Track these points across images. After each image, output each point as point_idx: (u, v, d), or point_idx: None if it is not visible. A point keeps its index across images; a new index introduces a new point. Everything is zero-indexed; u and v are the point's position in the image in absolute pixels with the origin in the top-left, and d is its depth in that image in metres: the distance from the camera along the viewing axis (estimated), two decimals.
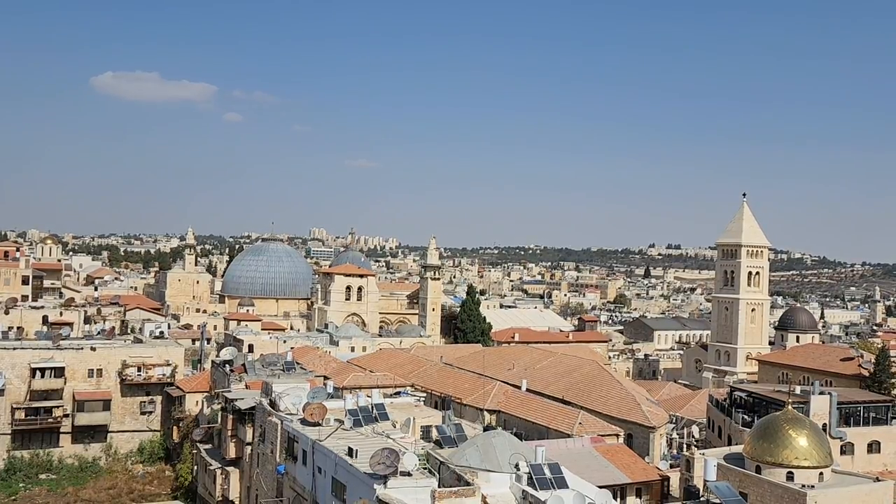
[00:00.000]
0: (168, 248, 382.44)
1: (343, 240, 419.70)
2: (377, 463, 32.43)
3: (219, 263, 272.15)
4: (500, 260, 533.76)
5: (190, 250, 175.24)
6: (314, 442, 40.51)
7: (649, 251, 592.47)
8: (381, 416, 45.11)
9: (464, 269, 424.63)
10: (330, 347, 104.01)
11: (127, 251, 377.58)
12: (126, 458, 78.41)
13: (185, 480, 67.77)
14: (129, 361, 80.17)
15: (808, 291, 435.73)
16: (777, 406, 49.80)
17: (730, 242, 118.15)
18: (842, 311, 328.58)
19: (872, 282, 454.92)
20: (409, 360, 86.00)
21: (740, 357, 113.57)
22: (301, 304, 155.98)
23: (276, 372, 65.28)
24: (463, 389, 69.27)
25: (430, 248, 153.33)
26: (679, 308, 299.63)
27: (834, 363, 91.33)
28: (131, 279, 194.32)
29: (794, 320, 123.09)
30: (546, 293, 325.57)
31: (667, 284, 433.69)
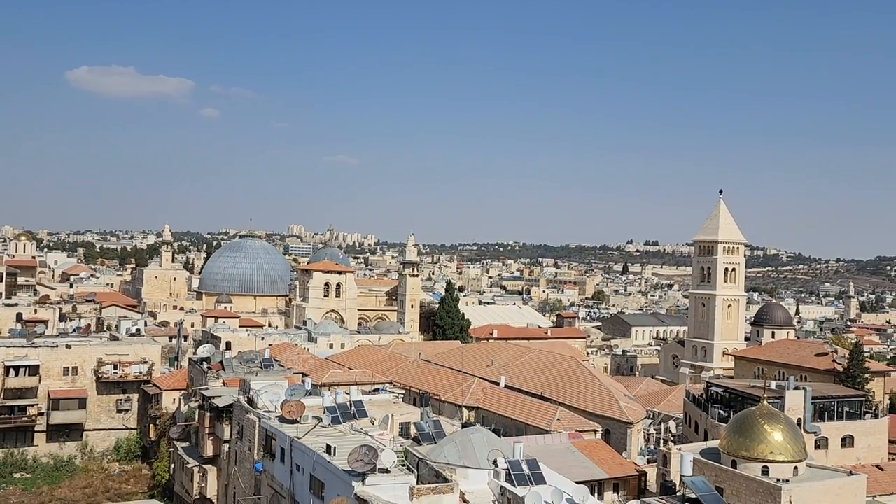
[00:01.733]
0: (145, 244, 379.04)
1: (321, 236, 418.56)
2: (355, 460, 32.38)
3: (196, 260, 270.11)
4: (478, 256, 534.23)
5: (167, 247, 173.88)
6: (292, 439, 40.38)
7: (627, 248, 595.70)
8: (359, 413, 45.05)
9: (442, 265, 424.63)
10: (308, 344, 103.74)
11: (103, 248, 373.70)
12: (102, 457, 77.80)
13: (162, 479, 67.31)
14: (104, 359, 79.51)
15: (783, 287, 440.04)
16: (752, 401, 50.29)
17: (706, 239, 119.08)
18: (817, 306, 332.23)
19: (847, 278, 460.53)
20: (388, 357, 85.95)
21: (717, 353, 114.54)
22: (279, 301, 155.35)
23: (254, 369, 64.97)
24: (441, 386, 69.33)
25: (408, 245, 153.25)
26: (656, 304, 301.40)
27: (808, 358, 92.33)
28: (107, 276, 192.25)
29: (770, 316, 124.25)
30: (525, 290, 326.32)
31: (644, 281, 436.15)
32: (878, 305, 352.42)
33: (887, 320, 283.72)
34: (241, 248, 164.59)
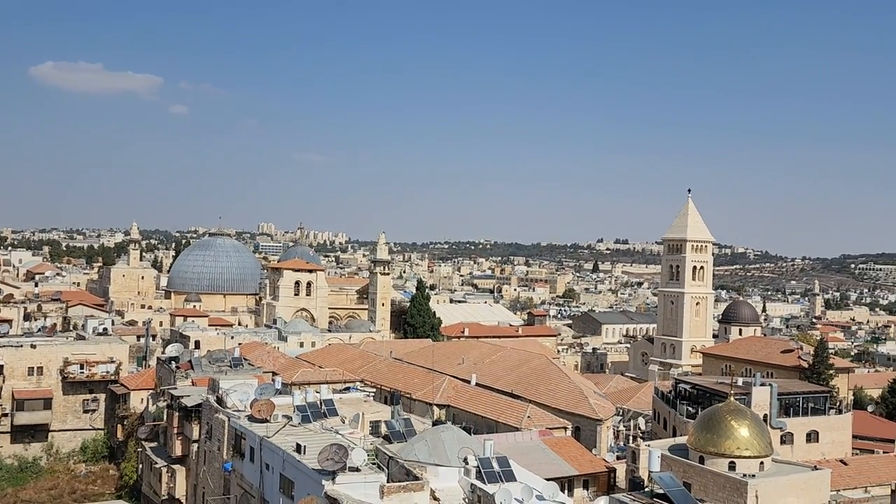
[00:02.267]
0: (112, 242, 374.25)
1: (292, 234, 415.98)
2: (325, 459, 32.28)
3: (165, 259, 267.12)
4: (450, 255, 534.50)
5: (135, 245, 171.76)
6: (262, 438, 40.17)
7: (598, 246, 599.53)
8: (329, 411, 44.91)
9: (413, 263, 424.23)
10: (278, 343, 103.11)
11: (69, 246, 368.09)
12: (68, 458, 76.75)
13: (130, 479, 66.59)
14: (71, 359, 78.42)
15: (750, 285, 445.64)
16: (720, 398, 50.92)
17: (675, 238, 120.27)
18: (783, 304, 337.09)
19: (812, 276, 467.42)
20: (359, 356, 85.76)
21: (685, 350, 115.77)
22: (249, 300, 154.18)
23: (224, 368, 64.52)
24: (412, 384, 69.32)
25: (379, 243, 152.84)
26: (626, 302, 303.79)
27: (775, 355, 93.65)
28: (73, 275, 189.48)
29: (737, 313, 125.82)
30: (496, 288, 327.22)
31: (615, 279, 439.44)
32: (843, 303, 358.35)
33: (851, 317, 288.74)
34: (210, 247, 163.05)
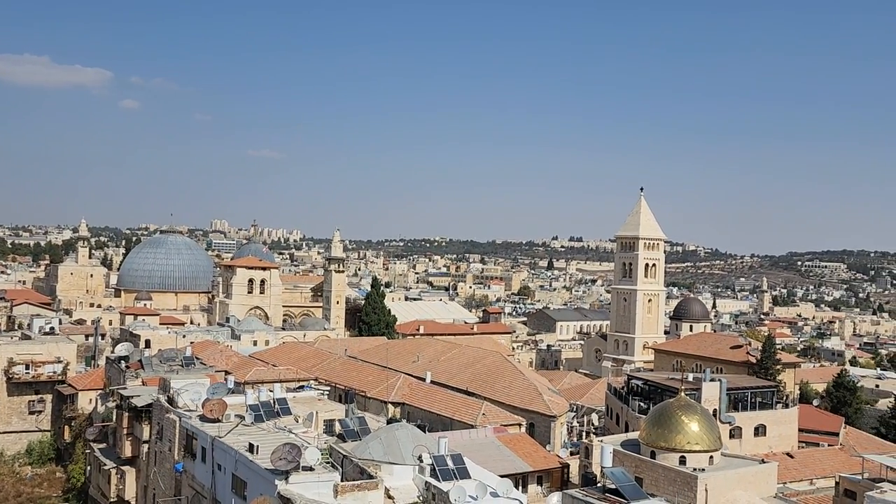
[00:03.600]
0: (60, 240, 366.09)
1: (245, 232, 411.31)
2: (278, 458, 32.00)
3: (115, 256, 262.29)
4: (405, 252, 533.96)
5: (83, 242, 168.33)
6: (213, 438, 39.66)
7: (552, 243, 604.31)
8: (283, 410, 44.51)
9: (369, 261, 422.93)
10: (231, 342, 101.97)
11: (15, 243, 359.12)
12: (13, 460, 74.89)
13: (78, 482, 65.27)
14: (16, 359, 76.53)
15: (701, 282, 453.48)
16: (671, 393, 51.66)
17: (628, 235, 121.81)
18: (732, 300, 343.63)
19: (760, 273, 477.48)
20: (313, 354, 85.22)
21: (637, 346, 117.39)
22: (202, 298, 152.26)
23: (175, 367, 63.54)
24: (367, 382, 69.11)
25: (334, 241, 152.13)
26: (580, 299, 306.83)
27: (724, 351, 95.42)
28: (19, 272, 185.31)
29: (688, 310, 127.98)
30: (451, 285, 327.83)
31: (569, 276, 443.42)
32: (790, 299, 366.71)
33: (798, 314, 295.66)
34: (161, 244, 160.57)
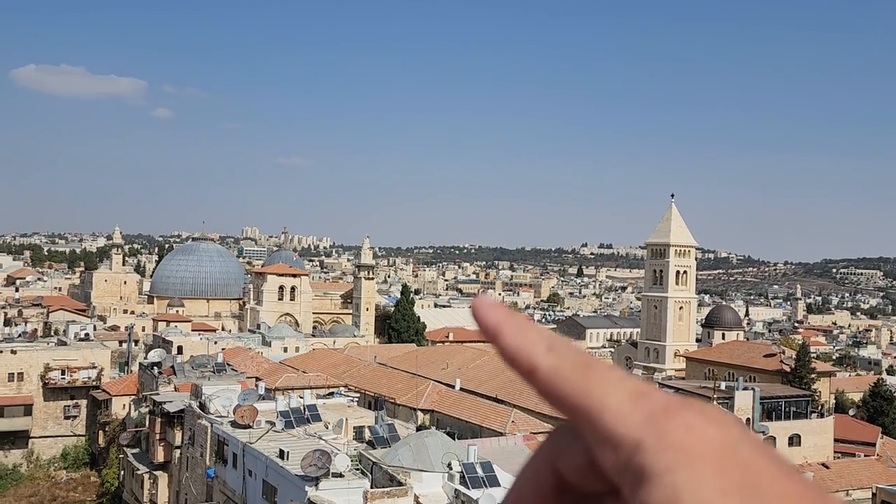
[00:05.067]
0: (94, 247, 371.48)
1: (276, 239, 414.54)
2: (309, 465, 32.17)
3: (148, 263, 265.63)
4: (434, 259, 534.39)
5: (117, 250, 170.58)
6: (245, 444, 39.95)
7: (582, 250, 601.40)
8: (313, 417, 44.72)
9: (398, 268, 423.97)
10: (262, 348, 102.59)
11: (51, 251, 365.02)
12: (49, 465, 75.98)
13: (111, 486, 66.06)
14: (52, 364, 77.65)
15: (733, 290, 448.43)
16: (704, 400, 51.12)
17: (658, 242, 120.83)
18: (765, 308, 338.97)
19: (794, 280, 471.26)
20: (343, 361, 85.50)
21: (669, 354, 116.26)
22: (233, 305, 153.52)
23: (207, 374, 64.15)
24: (396, 389, 69.19)
25: (363, 248, 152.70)
26: (610, 306, 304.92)
27: (757, 359, 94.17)
28: (55, 279, 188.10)
29: (720, 318, 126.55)
30: (480, 292, 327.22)
31: (599, 283, 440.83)
32: (825, 307, 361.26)
33: (833, 321, 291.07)
34: (193, 251, 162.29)
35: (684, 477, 0.83)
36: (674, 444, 0.85)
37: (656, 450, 0.85)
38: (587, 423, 0.91)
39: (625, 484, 0.87)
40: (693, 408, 0.89)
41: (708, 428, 0.86)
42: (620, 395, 0.90)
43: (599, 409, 0.90)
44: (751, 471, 0.83)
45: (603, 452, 0.90)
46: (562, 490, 0.98)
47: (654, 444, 0.85)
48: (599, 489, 0.93)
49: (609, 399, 0.90)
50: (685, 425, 0.86)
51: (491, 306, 0.98)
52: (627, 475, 0.87)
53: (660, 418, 0.87)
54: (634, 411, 0.88)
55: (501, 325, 0.96)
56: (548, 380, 0.94)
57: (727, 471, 0.83)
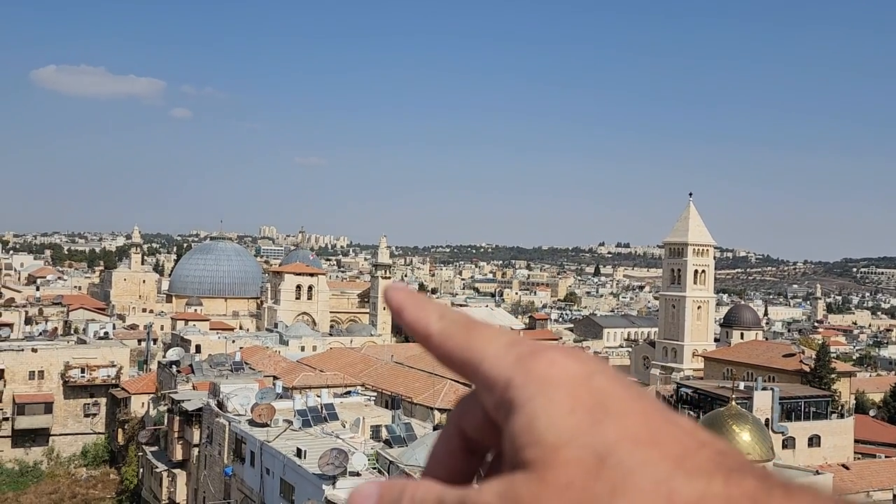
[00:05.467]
0: (113, 246, 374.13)
1: (293, 238, 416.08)
2: (326, 463, 32.28)
3: (166, 262, 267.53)
4: (451, 258, 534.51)
5: (136, 249, 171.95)
6: (262, 443, 40.13)
7: (599, 249, 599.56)
8: (330, 416, 44.85)
9: (415, 267, 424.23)
10: (279, 347, 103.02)
11: (71, 250, 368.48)
12: (69, 462, 76.65)
13: (131, 483, 66.56)
14: (72, 363, 78.29)
15: (752, 289, 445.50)
16: (721, 402, 50.81)
17: (676, 241, 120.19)
18: (785, 308, 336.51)
19: (814, 279, 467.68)
20: (360, 360, 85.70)
21: (686, 354, 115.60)
22: (250, 304, 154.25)
23: (224, 372, 64.46)
24: (413, 388, 69.26)
25: (380, 247, 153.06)
26: (628, 306, 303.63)
27: (776, 359, 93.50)
28: (75, 278, 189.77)
29: (739, 317, 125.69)
30: (497, 291, 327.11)
31: (616, 282, 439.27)
32: (845, 307, 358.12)
33: (853, 321, 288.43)
34: (211, 250, 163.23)
35: (541, 402, 0.92)
36: (536, 377, 0.94)
37: (522, 384, 0.94)
38: (472, 374, 1.02)
39: (500, 421, 0.97)
40: (558, 348, 0.99)
41: (567, 362, 0.96)
42: (497, 345, 1.00)
43: (480, 359, 1.00)
44: (601, 394, 0.93)
45: (485, 398, 1.00)
46: (470, 450, 1.08)
47: (521, 380, 0.95)
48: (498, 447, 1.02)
49: (488, 350, 1.00)
50: (548, 361, 0.96)
51: (396, 289, 1.10)
52: (501, 412, 0.96)
53: (526, 358, 0.97)
54: (507, 356, 0.98)
55: (403, 302, 1.07)
56: (438, 342, 1.04)
57: (579, 394, 0.92)
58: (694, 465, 0.85)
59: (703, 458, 0.85)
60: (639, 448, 0.87)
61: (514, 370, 0.96)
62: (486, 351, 1.00)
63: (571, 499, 0.85)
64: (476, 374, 1.00)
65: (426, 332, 1.05)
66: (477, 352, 1.01)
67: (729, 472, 0.83)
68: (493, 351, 1.00)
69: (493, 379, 0.97)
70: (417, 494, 0.96)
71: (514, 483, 0.89)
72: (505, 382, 0.96)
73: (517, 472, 0.90)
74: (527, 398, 0.93)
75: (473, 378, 1.01)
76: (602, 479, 0.85)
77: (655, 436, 0.89)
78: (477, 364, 1.00)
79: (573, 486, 0.86)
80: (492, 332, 1.04)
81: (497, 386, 0.97)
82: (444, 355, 1.04)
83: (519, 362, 0.97)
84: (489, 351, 1.00)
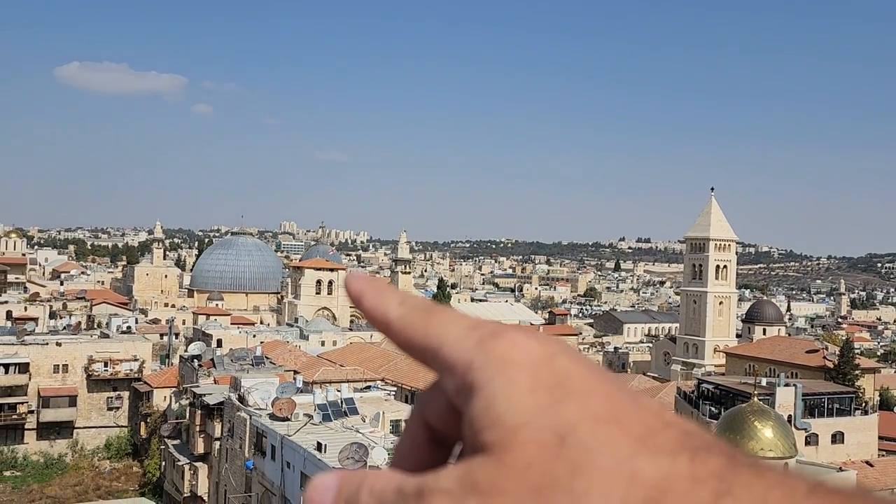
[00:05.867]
0: (136, 241, 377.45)
1: (313, 233, 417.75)
2: (346, 457, 32.38)
3: (187, 257, 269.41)
4: (471, 253, 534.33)
5: (158, 244, 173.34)
6: (283, 437, 40.34)
7: (619, 245, 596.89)
8: (350, 410, 45.03)
9: (435, 262, 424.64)
10: (300, 342, 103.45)
11: (94, 245, 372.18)
12: (92, 455, 77.50)
13: (153, 476, 67.18)
14: (95, 356, 79.14)
15: (774, 284, 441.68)
16: (743, 398, 50.40)
17: (698, 236, 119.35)
18: (808, 303, 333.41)
19: (837, 275, 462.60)
20: (380, 354, 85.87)
21: (708, 349, 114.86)
22: (271, 298, 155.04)
23: (245, 367, 64.86)
24: None
25: (400, 242, 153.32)
26: (648, 301, 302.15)
27: (799, 355, 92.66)
28: (98, 273, 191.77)
29: (761, 313, 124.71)
30: (517, 287, 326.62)
31: (636, 278, 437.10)
32: (869, 302, 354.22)
33: (878, 317, 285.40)
34: (232, 246, 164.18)
35: (501, 382, 0.89)
36: (497, 358, 0.91)
37: (482, 366, 0.91)
38: (432, 360, 0.98)
39: (461, 406, 0.93)
40: (519, 329, 0.97)
41: (529, 342, 0.94)
42: (457, 329, 0.97)
43: (440, 343, 0.97)
44: (563, 374, 0.90)
45: (447, 383, 0.97)
46: (436, 441, 1.04)
47: (481, 362, 0.92)
48: (462, 434, 0.97)
49: (448, 334, 0.97)
50: (508, 342, 0.93)
51: (356, 277, 1.07)
52: (461, 396, 0.93)
53: (487, 340, 0.94)
54: (468, 339, 0.95)
55: (362, 290, 1.05)
56: (398, 328, 1.01)
57: (541, 374, 0.89)
58: (657, 445, 0.83)
59: (668, 437, 0.83)
60: (600, 427, 0.84)
61: (474, 352, 0.93)
62: (446, 335, 0.97)
63: (531, 480, 0.83)
64: (436, 359, 0.97)
65: (385, 319, 1.02)
66: (437, 336, 0.98)
67: (695, 450, 0.81)
68: (454, 335, 0.97)
69: (454, 362, 0.94)
70: (377, 485, 0.93)
71: (473, 466, 0.87)
72: (465, 365, 0.93)
73: (476, 455, 0.88)
74: (486, 380, 0.90)
75: (434, 364, 0.98)
76: (562, 459, 0.83)
77: (618, 415, 0.86)
78: (437, 348, 0.97)
79: (533, 468, 0.83)
80: (453, 316, 1.01)
81: (457, 369, 0.94)
82: (405, 342, 1.02)
83: (480, 345, 0.94)
84: (450, 335, 0.97)
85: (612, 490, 0.80)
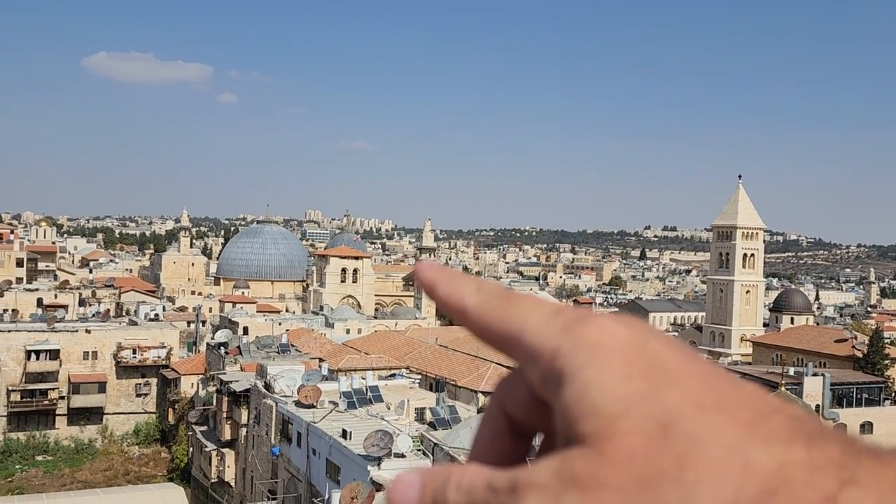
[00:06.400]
0: (163, 230, 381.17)
1: (338, 222, 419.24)
2: (371, 445, 32.56)
3: (214, 245, 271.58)
4: (495, 242, 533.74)
5: (185, 232, 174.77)
6: (308, 424, 40.64)
7: (645, 233, 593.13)
8: (375, 398, 45.25)
9: (459, 250, 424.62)
10: (325, 329, 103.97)
11: (122, 233, 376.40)
12: (122, 440, 78.65)
13: (181, 462, 68.02)
14: (124, 343, 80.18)
15: (803, 273, 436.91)
16: (771, 387, 50.02)
17: (725, 224, 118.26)
18: (837, 292, 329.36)
19: (867, 263, 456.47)
20: (405, 342, 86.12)
21: (735, 338, 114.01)
22: (296, 286, 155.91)
23: (271, 354, 65.36)
24: (458, 371, 69.42)
25: (425, 230, 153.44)
26: (674, 290, 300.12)
27: (828, 344, 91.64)
28: (126, 261, 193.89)
29: (789, 302, 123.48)
30: (542, 275, 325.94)
31: (662, 266, 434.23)
32: None
33: None
34: (258, 234, 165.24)
35: (594, 370, 0.84)
36: (586, 344, 0.86)
37: (571, 352, 0.86)
38: (514, 347, 0.93)
39: (549, 395, 0.88)
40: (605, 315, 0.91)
41: (618, 327, 0.88)
42: (539, 315, 0.92)
43: (521, 330, 0.92)
44: (657, 359, 0.85)
45: (530, 372, 0.92)
46: (517, 432, 0.99)
47: (569, 348, 0.87)
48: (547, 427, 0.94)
49: (529, 320, 0.92)
50: (597, 327, 0.88)
51: (428, 266, 1.02)
52: (549, 385, 0.88)
53: (573, 325, 0.89)
54: (551, 324, 0.90)
55: (435, 278, 1.00)
56: (476, 316, 0.96)
57: (634, 360, 0.85)
58: (768, 431, 0.78)
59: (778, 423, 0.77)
60: (705, 414, 0.79)
61: (560, 339, 0.88)
62: (528, 321, 0.92)
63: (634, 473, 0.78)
64: (519, 347, 0.92)
65: (462, 307, 0.98)
66: (518, 323, 0.92)
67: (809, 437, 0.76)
68: (536, 321, 0.92)
69: (538, 349, 0.89)
70: (464, 480, 0.88)
71: (571, 458, 0.81)
72: (551, 352, 0.88)
73: (573, 446, 0.82)
74: (577, 367, 0.85)
75: (516, 351, 0.93)
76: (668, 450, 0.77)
77: (722, 401, 0.81)
78: (519, 335, 0.92)
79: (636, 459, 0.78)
80: (534, 301, 0.96)
81: (543, 356, 0.89)
82: (483, 329, 0.96)
83: (565, 330, 0.89)
84: (532, 321, 0.92)
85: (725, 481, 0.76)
